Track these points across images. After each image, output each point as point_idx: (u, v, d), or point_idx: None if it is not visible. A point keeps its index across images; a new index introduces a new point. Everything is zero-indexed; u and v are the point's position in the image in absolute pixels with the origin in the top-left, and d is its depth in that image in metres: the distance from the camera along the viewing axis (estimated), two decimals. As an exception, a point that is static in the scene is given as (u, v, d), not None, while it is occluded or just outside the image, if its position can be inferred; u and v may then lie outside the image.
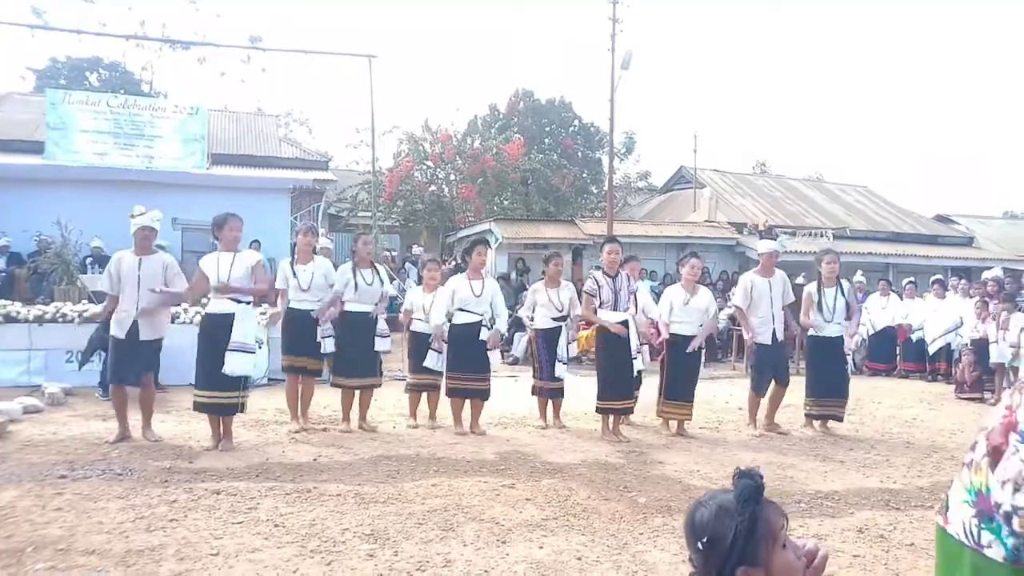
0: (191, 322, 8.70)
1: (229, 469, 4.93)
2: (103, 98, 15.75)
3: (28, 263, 11.53)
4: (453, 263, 14.37)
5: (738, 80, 64.16)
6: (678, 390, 6.50)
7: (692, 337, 6.50)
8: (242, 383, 5.53)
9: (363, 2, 61.05)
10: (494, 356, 6.48)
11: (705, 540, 1.38)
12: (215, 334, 5.45)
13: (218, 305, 5.54)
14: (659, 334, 6.56)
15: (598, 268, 6.82)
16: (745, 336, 7.01)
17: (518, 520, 4.01)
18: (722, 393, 8.92)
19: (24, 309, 8.48)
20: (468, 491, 4.53)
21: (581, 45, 56.25)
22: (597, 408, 6.38)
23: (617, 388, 6.27)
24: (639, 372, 6.75)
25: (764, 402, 6.84)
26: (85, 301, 8.89)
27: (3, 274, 11.67)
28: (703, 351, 7.18)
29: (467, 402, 6.46)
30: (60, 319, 8.36)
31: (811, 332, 6.95)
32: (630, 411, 6.50)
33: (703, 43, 64.37)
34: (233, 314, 5.44)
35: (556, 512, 4.18)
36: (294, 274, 6.37)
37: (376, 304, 6.37)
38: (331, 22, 57.44)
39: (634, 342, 6.35)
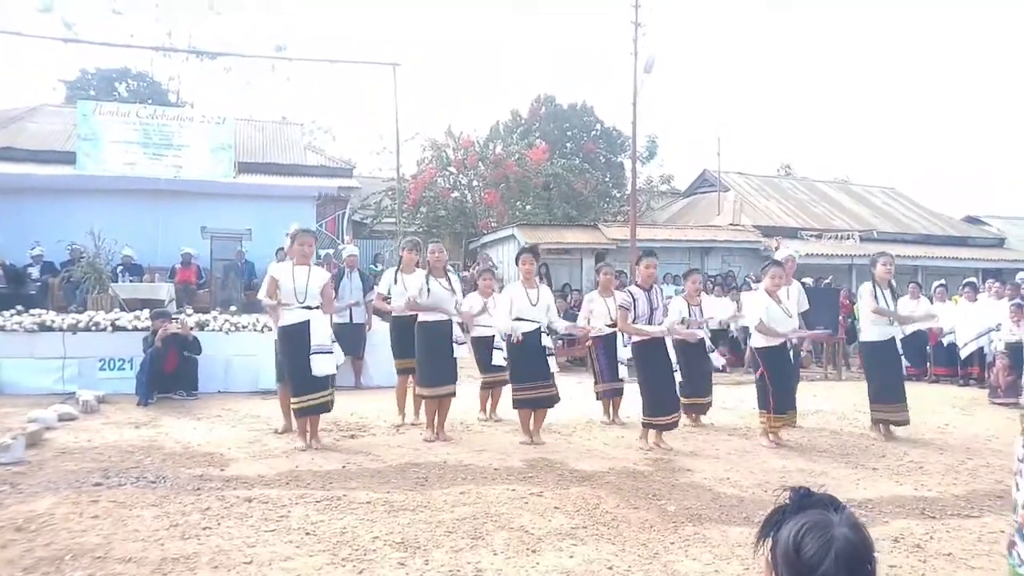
0: (220, 330, 8.83)
1: (260, 476, 4.99)
2: (132, 109, 16.06)
3: (61, 272, 11.77)
4: (476, 269, 14.40)
5: (761, 82, 63.66)
6: (785, 402, 6.52)
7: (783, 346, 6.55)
8: (331, 382, 5.93)
9: (385, 11, 61.55)
10: (552, 362, 6.47)
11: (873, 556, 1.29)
12: (298, 343, 5.78)
13: (296, 315, 5.81)
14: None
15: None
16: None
17: (547, 529, 4.01)
18: (750, 398, 8.82)
19: (58, 318, 8.66)
20: (496, 499, 4.53)
21: (603, 50, 56.18)
22: (643, 423, 6.34)
23: (664, 404, 6.22)
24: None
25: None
26: (117, 309, 9.05)
27: (37, 283, 11.91)
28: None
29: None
30: (93, 327, 8.52)
31: (864, 338, 6.94)
32: (675, 426, 6.41)
33: (726, 46, 63.97)
34: (308, 321, 5.78)
35: (585, 521, 4.16)
36: (400, 283, 6.73)
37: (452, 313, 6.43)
38: (353, 30, 57.98)
39: (673, 356, 6.35)
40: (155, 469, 5.12)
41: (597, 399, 7.51)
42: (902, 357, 7.12)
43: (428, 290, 6.29)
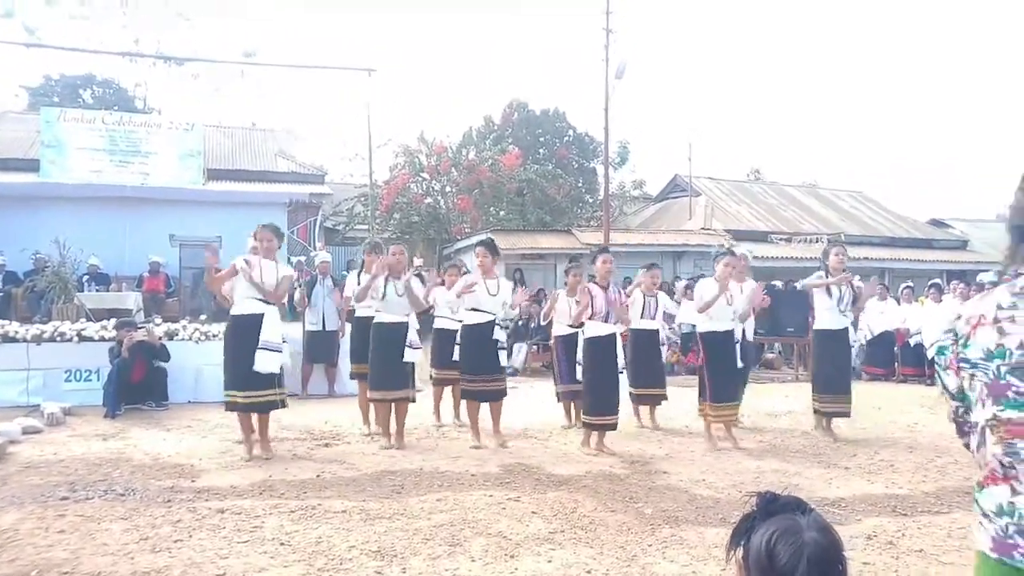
0: (190, 339, 8.68)
1: (232, 487, 4.90)
2: (98, 115, 15.79)
3: (25, 282, 11.49)
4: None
5: (731, 89, 64.54)
6: (723, 391, 6.43)
7: (729, 333, 6.49)
8: (277, 380, 5.74)
9: (356, 16, 61.32)
10: (503, 356, 6.45)
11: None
12: (245, 335, 5.61)
13: (247, 306, 5.68)
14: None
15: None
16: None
17: (525, 534, 3.99)
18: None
19: (22, 328, 8.44)
20: (474, 505, 4.51)
21: (575, 56, 56.52)
22: (584, 424, 6.31)
23: (605, 403, 6.17)
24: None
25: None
26: (83, 319, 8.86)
27: (0, 293, 11.62)
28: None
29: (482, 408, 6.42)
30: (58, 338, 8.32)
31: (817, 326, 6.93)
32: (614, 427, 6.37)
33: (696, 53, 64.76)
34: (263, 315, 5.64)
35: (563, 525, 4.16)
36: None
37: (407, 315, 6.29)
38: (323, 36, 57.65)
39: (620, 357, 6.30)
40: (124, 481, 5.01)
41: (558, 401, 7.42)
42: (853, 350, 7.16)
43: (384, 293, 6.15)
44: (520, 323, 12.13)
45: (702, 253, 17.87)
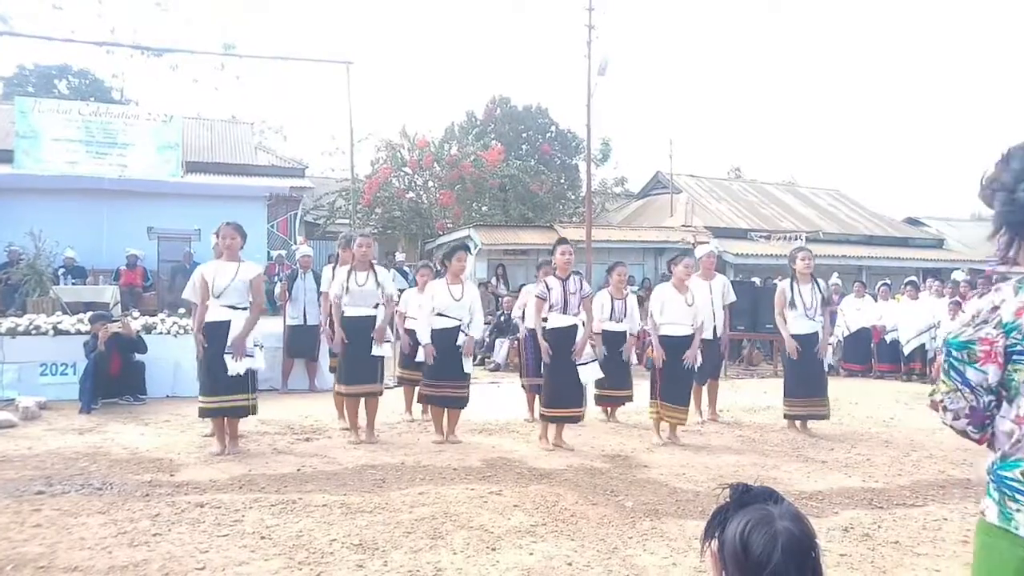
0: (168, 332, 8.60)
1: (212, 481, 4.86)
2: (74, 106, 15.55)
3: (-1, 274, 11.30)
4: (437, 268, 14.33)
5: (712, 86, 64.91)
6: (674, 393, 6.40)
7: (687, 338, 6.39)
8: (250, 386, 5.69)
9: (337, 10, 60.83)
10: (468, 363, 6.35)
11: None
12: (216, 341, 5.57)
13: (216, 313, 5.62)
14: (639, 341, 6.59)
15: (550, 268, 6.87)
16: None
17: (507, 527, 4.00)
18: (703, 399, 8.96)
19: (-4, 321, 8.30)
20: (455, 499, 4.51)
21: (557, 52, 56.49)
22: (542, 415, 6.26)
23: (563, 396, 6.13)
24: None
25: (704, 394, 7.51)
26: (59, 312, 8.73)
27: (-28, 286, 11.41)
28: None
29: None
30: (33, 331, 8.19)
31: (786, 331, 6.96)
32: (578, 419, 6.37)
33: (678, 50, 65.04)
34: (230, 321, 5.59)
35: (544, 518, 4.17)
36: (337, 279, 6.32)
37: (376, 307, 6.18)
38: (305, 28, 57.15)
39: (586, 350, 6.23)
40: (101, 476, 4.95)
41: (523, 390, 7.40)
42: (830, 348, 7.20)
43: (347, 288, 6.09)
44: (502, 318, 12.14)
45: (683, 250, 17.97)
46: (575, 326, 6.16)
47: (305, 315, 9.06)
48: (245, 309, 5.70)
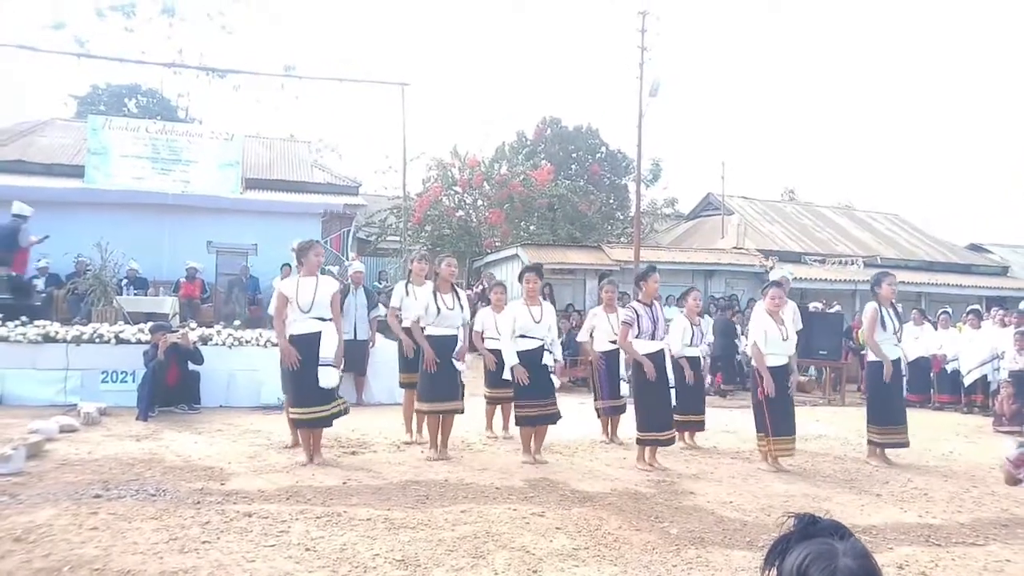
0: (223, 344, 8.83)
1: (260, 491, 4.96)
2: (142, 124, 16.19)
3: (67, 284, 11.80)
4: (480, 288, 14.41)
5: (766, 107, 64.05)
6: (784, 426, 6.36)
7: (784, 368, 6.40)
8: (336, 394, 5.92)
9: (393, 30, 62.21)
10: (556, 380, 6.51)
11: None
12: (305, 353, 5.74)
13: (305, 326, 5.80)
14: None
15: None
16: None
17: (549, 549, 3.98)
18: (751, 422, 8.76)
19: (62, 329, 8.66)
20: (498, 518, 4.50)
21: (609, 73, 56.67)
22: (637, 440, 6.33)
23: (657, 419, 6.21)
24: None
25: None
26: (121, 322, 9.06)
27: (43, 294, 11.94)
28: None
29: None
30: (97, 339, 8.52)
31: (870, 358, 6.88)
32: (670, 443, 6.41)
33: (731, 71, 64.47)
34: (320, 332, 5.78)
35: (587, 542, 4.13)
36: (411, 294, 6.71)
37: (458, 328, 6.32)
38: (360, 49, 58.57)
39: (672, 372, 6.36)
40: (155, 482, 5.10)
41: (597, 416, 7.51)
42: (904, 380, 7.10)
43: (437, 309, 6.22)
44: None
45: (734, 272, 17.72)
46: (662, 352, 6.33)
47: (355, 330, 9.20)
48: (331, 320, 5.89)
